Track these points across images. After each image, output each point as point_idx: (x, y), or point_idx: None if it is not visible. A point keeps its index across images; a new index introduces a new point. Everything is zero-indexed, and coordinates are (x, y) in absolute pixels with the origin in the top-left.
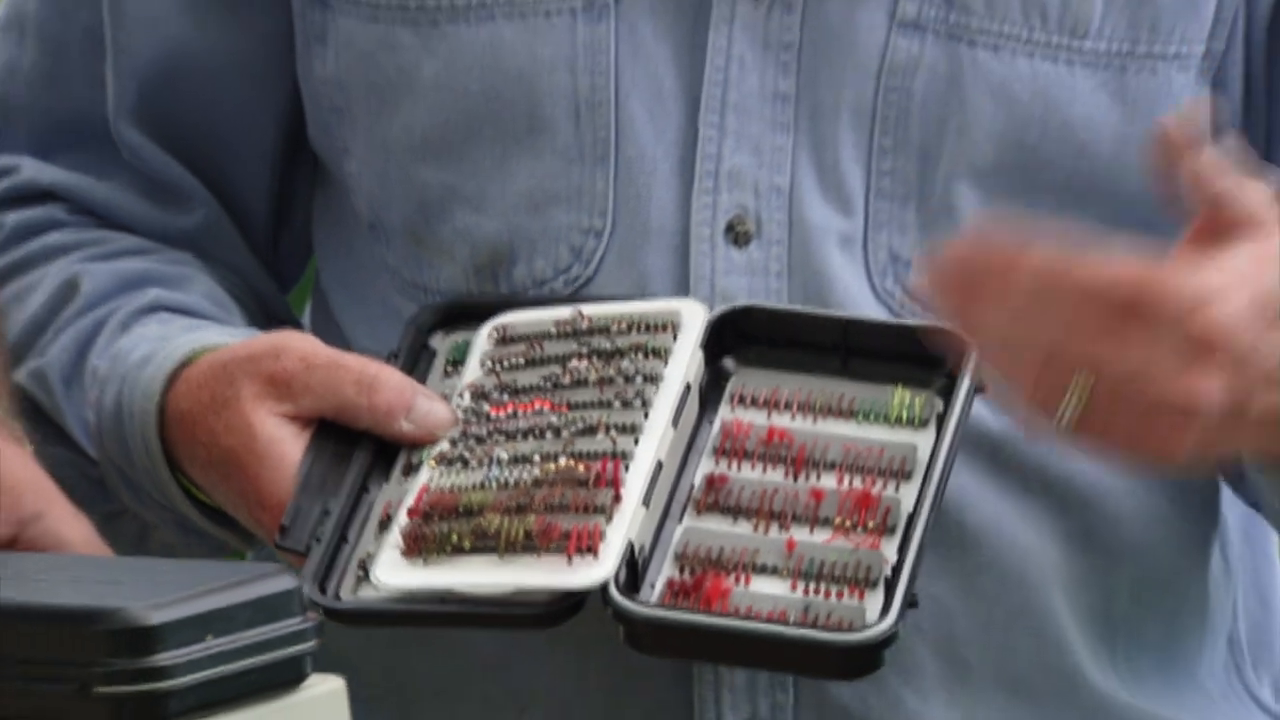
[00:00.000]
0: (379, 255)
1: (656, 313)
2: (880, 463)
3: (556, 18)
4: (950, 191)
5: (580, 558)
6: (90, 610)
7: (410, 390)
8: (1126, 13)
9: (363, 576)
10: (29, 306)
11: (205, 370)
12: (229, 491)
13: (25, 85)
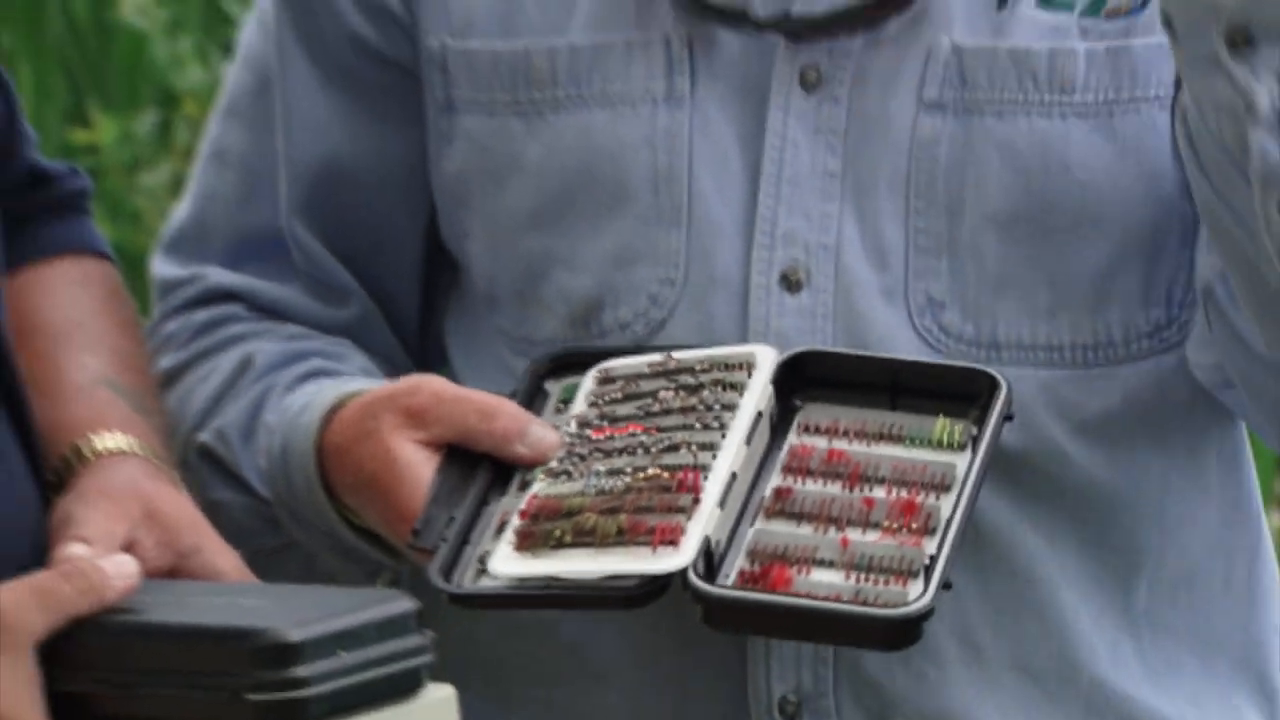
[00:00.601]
0: (493, 322)
1: (734, 355)
2: (923, 478)
3: (641, 106)
4: (976, 240)
5: (664, 549)
6: (241, 629)
7: (525, 418)
8: (1108, 66)
9: (481, 570)
10: (212, 382)
11: (353, 410)
12: (374, 509)
13: (222, 207)
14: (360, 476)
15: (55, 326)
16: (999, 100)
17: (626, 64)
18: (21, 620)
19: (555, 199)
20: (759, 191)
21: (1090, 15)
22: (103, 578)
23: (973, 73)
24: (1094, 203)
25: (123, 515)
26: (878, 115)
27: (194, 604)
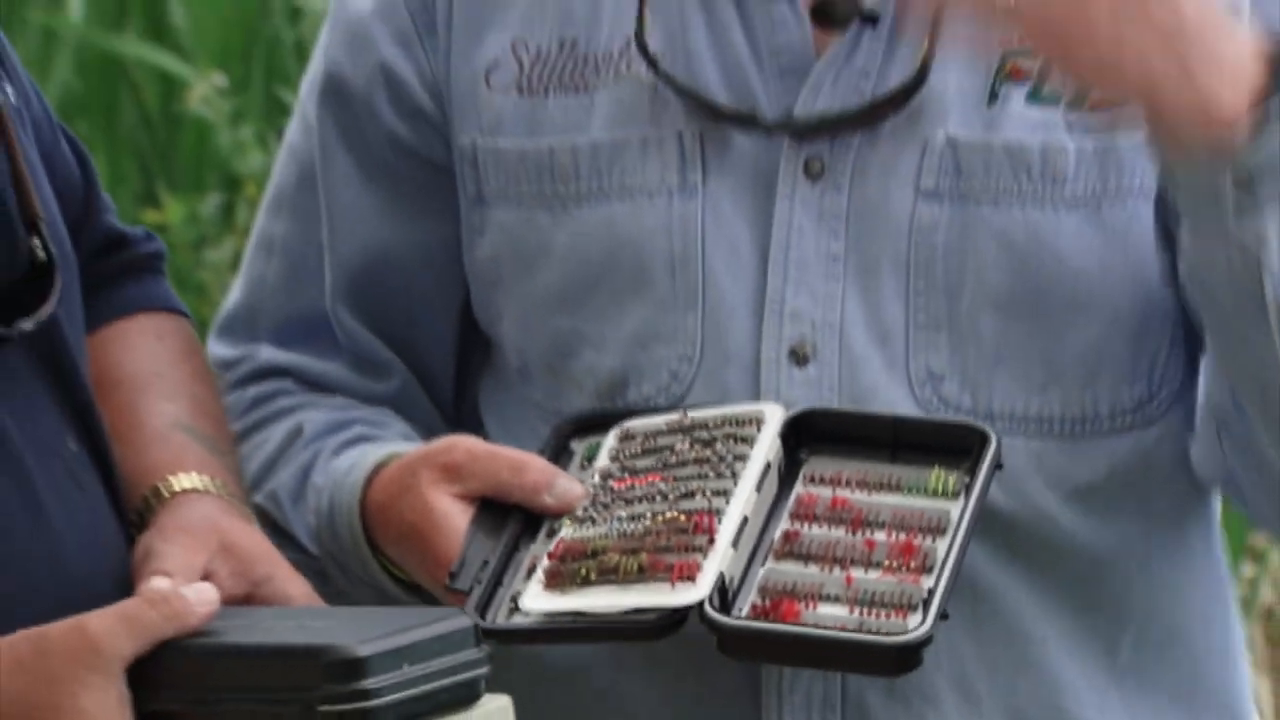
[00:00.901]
0: (525, 393)
1: (745, 413)
2: (921, 522)
3: (657, 197)
4: (973, 318)
5: (682, 584)
6: (312, 647)
7: (552, 472)
8: (1096, 160)
9: (514, 609)
10: (266, 449)
11: (394, 469)
12: (414, 558)
13: (270, 293)
14: (401, 528)
15: (135, 378)
16: (995, 190)
17: (643, 159)
18: (112, 644)
19: (581, 284)
20: (768, 274)
21: (1075, 109)
22: (185, 605)
23: (968, 164)
24: (1084, 288)
25: (201, 548)
26: (878, 202)
27: (268, 626)
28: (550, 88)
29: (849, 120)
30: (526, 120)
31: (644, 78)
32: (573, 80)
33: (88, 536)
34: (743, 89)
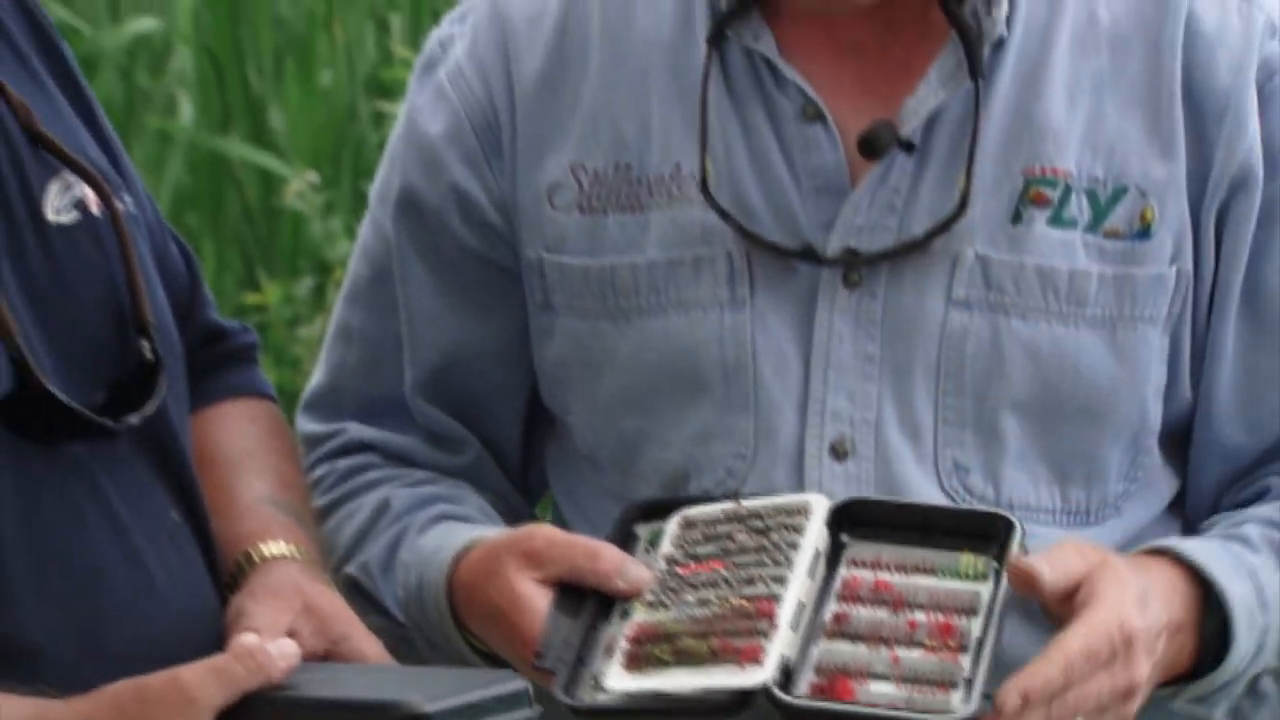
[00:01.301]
0: (594, 479)
1: (793, 503)
2: (955, 603)
3: (710, 310)
4: (997, 419)
5: (750, 666)
6: (384, 703)
7: (621, 558)
8: (1114, 288)
9: (596, 687)
10: (356, 521)
11: (479, 553)
12: (498, 636)
13: (351, 376)
14: (487, 608)
15: (230, 456)
16: (1024, 306)
17: (696, 276)
18: (203, 694)
19: (645, 388)
20: (810, 378)
21: (1091, 233)
22: (269, 660)
23: (999, 279)
24: (1094, 398)
25: (285, 608)
26: (912, 309)
27: (345, 681)
28: (608, 208)
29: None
30: (588, 239)
31: (694, 200)
32: (628, 201)
33: (186, 597)
34: (784, 209)
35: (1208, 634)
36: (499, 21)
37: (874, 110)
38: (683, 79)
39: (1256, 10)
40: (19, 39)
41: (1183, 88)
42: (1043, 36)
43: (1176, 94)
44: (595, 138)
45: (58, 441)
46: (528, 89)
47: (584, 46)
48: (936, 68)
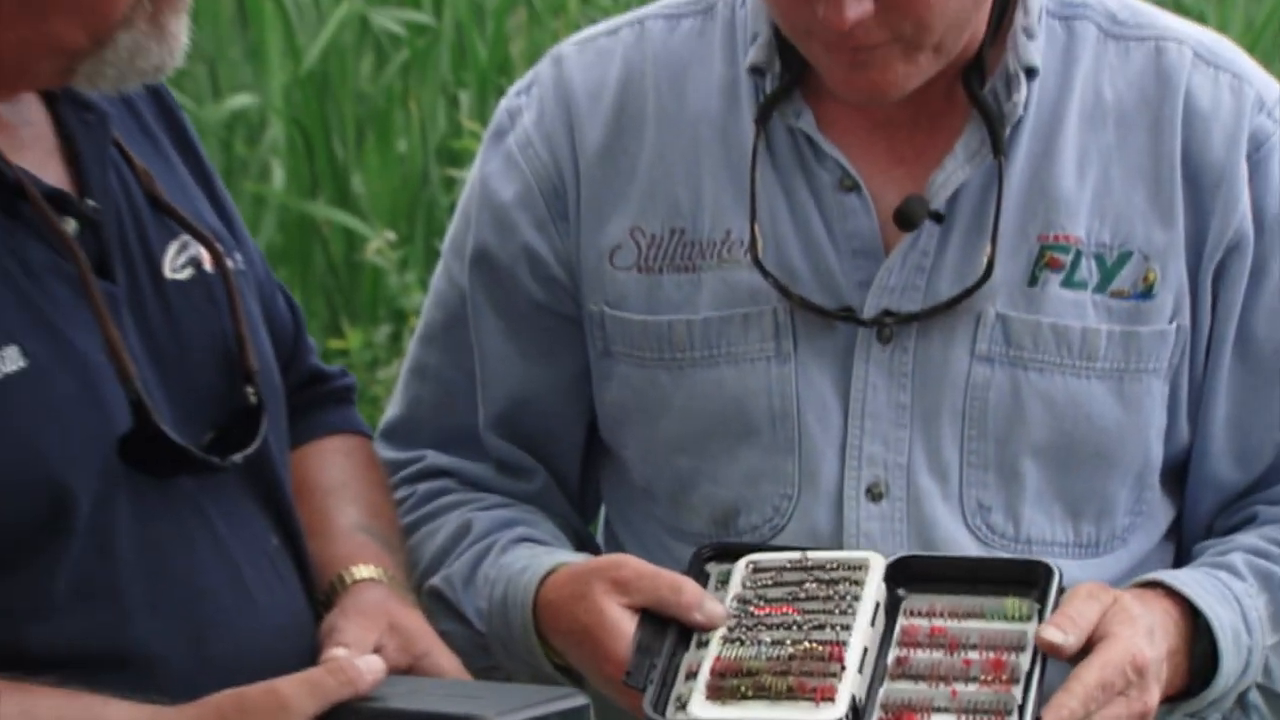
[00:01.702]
0: (649, 510)
1: (855, 559)
2: (1004, 641)
3: (758, 363)
4: (1017, 463)
5: (824, 704)
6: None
7: (701, 594)
8: (1121, 344)
9: (679, 708)
10: (439, 539)
11: (564, 576)
12: (582, 653)
13: (427, 409)
14: (573, 627)
15: (326, 487)
16: (1041, 361)
17: (744, 332)
18: (297, 704)
19: (698, 432)
20: (848, 426)
21: (1100, 293)
22: (358, 673)
23: (1018, 336)
24: (1104, 444)
25: (373, 626)
26: (939, 362)
27: (425, 694)
28: (664, 268)
29: (934, 311)
30: (646, 296)
31: (743, 262)
32: (683, 263)
33: (283, 615)
34: (824, 271)
35: (1198, 656)
36: (563, 95)
37: (904, 181)
38: (731, 151)
39: (1246, 87)
40: (146, 114)
41: (1181, 160)
42: (1054, 114)
43: (1176, 166)
44: (652, 204)
45: (170, 476)
46: (590, 158)
47: (640, 120)
48: (962, 144)
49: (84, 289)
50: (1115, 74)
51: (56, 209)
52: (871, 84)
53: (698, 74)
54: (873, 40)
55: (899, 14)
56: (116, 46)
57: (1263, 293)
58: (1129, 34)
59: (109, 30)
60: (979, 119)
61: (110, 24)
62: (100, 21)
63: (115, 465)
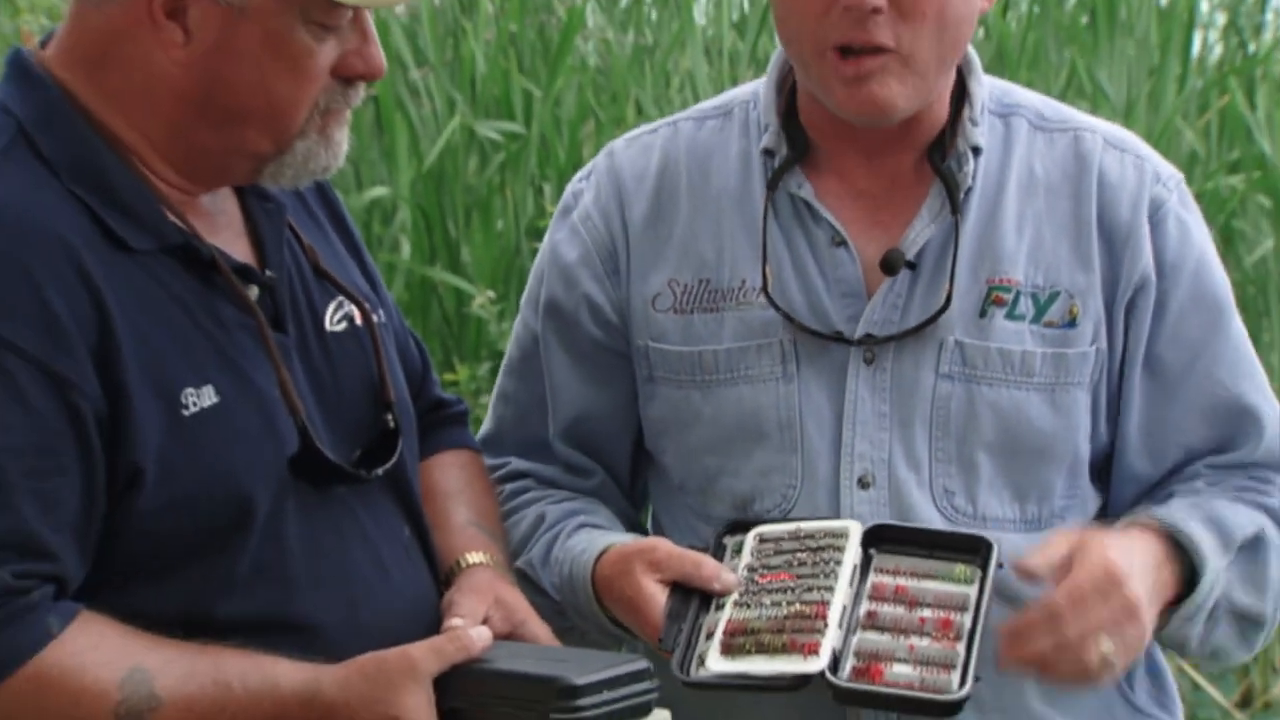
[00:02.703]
0: (683, 500)
1: (837, 527)
2: (951, 602)
3: (769, 383)
4: (973, 458)
5: (810, 657)
6: (549, 675)
7: (718, 567)
8: (1053, 363)
9: (700, 664)
10: (521, 528)
11: (613, 555)
12: (629, 618)
13: (510, 426)
14: (621, 598)
15: (446, 492)
16: (990, 377)
17: (758, 358)
18: (425, 664)
19: (721, 438)
20: (842, 429)
21: (1035, 324)
22: (471, 641)
23: (972, 358)
24: (1041, 442)
25: (483, 601)
26: (911, 379)
27: (522, 657)
28: (695, 310)
29: (903, 334)
30: (680, 334)
31: (755, 304)
32: (708, 305)
33: (415, 592)
34: (819, 307)
35: (1182, 571)
36: (614, 179)
37: (881, 238)
38: (746, 216)
39: (1146, 165)
40: (311, 201)
41: (1097, 222)
42: (997, 186)
43: (1093, 226)
44: (685, 261)
45: (328, 486)
46: (636, 227)
47: (675, 197)
48: (926, 208)
49: (263, 340)
50: (1044, 156)
51: (242, 279)
52: (871, 97)
53: (719, 160)
54: (880, 39)
55: (905, 20)
56: (294, 152)
57: (1165, 323)
58: (1053, 127)
59: (289, 140)
60: (940, 188)
61: (290, 136)
62: (283, 134)
63: (286, 478)
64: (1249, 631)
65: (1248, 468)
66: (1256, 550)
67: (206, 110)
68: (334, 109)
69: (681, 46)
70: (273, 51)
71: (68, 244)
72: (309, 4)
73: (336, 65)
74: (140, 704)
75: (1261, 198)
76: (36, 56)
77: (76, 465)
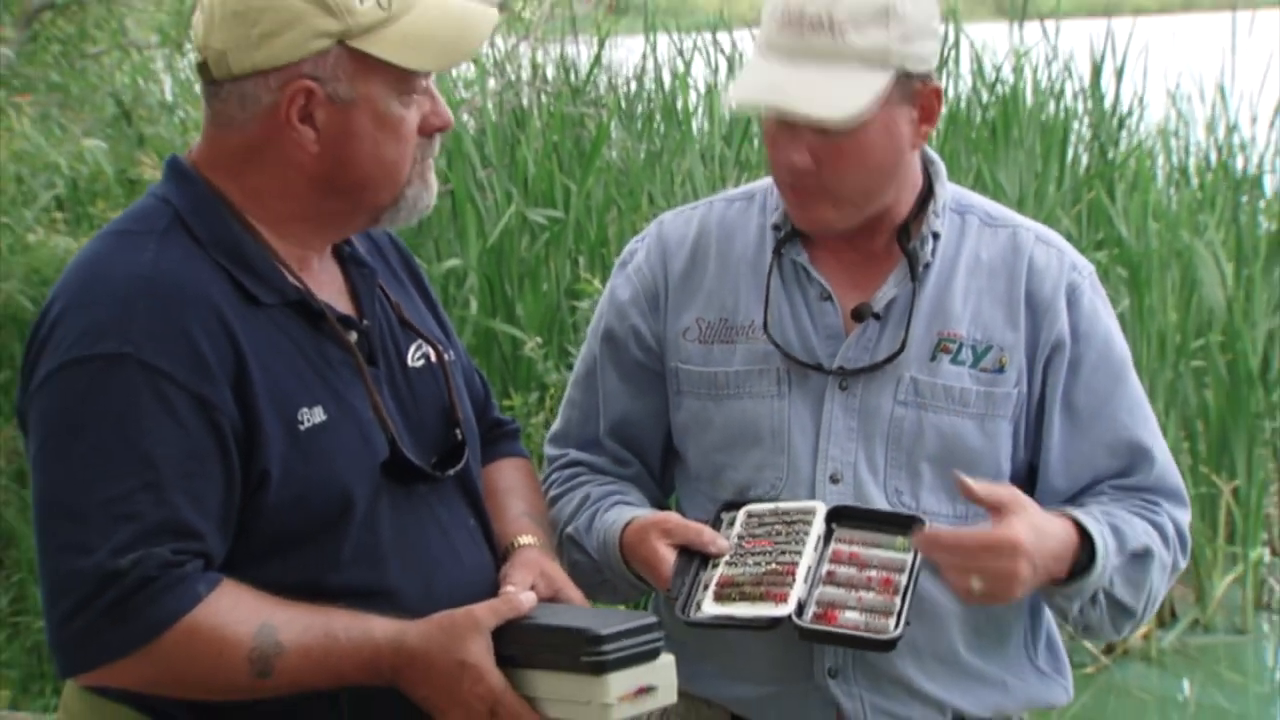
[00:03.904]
0: (697, 486)
1: (807, 507)
2: (892, 565)
3: (765, 400)
4: (919, 466)
5: (781, 604)
6: (581, 628)
7: (714, 535)
8: (984, 399)
9: (697, 609)
10: (573, 503)
11: (636, 526)
12: (647, 575)
13: (574, 426)
14: (640, 558)
15: (502, 489)
16: (936, 406)
17: (759, 380)
18: (485, 620)
19: (728, 442)
20: (819, 438)
21: (973, 369)
22: (520, 602)
23: (923, 391)
24: (971, 458)
25: (530, 573)
26: (875, 404)
27: (559, 615)
28: (714, 341)
29: (872, 367)
30: (702, 358)
31: (759, 339)
32: (725, 337)
33: (478, 566)
34: (808, 346)
35: (1079, 562)
36: (662, 243)
37: (858, 295)
38: (758, 274)
39: (1066, 257)
40: (396, 266)
41: (1025, 297)
42: (951, 265)
43: (1021, 300)
44: (709, 304)
45: (411, 485)
46: (675, 278)
47: (706, 257)
48: (893, 275)
49: (359, 373)
50: (989, 246)
51: (344, 326)
52: (809, 217)
53: (741, 232)
54: (809, 185)
55: (826, 170)
56: (405, 198)
57: (1080, 377)
58: (997, 224)
59: (401, 191)
60: (904, 262)
61: (401, 187)
62: (396, 188)
63: (378, 479)
64: (1120, 619)
65: (1142, 491)
66: (1143, 560)
67: (336, 184)
68: (424, 159)
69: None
70: (380, 126)
71: (212, 301)
72: (396, 80)
73: (421, 125)
74: (268, 650)
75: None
76: (189, 160)
77: (218, 469)
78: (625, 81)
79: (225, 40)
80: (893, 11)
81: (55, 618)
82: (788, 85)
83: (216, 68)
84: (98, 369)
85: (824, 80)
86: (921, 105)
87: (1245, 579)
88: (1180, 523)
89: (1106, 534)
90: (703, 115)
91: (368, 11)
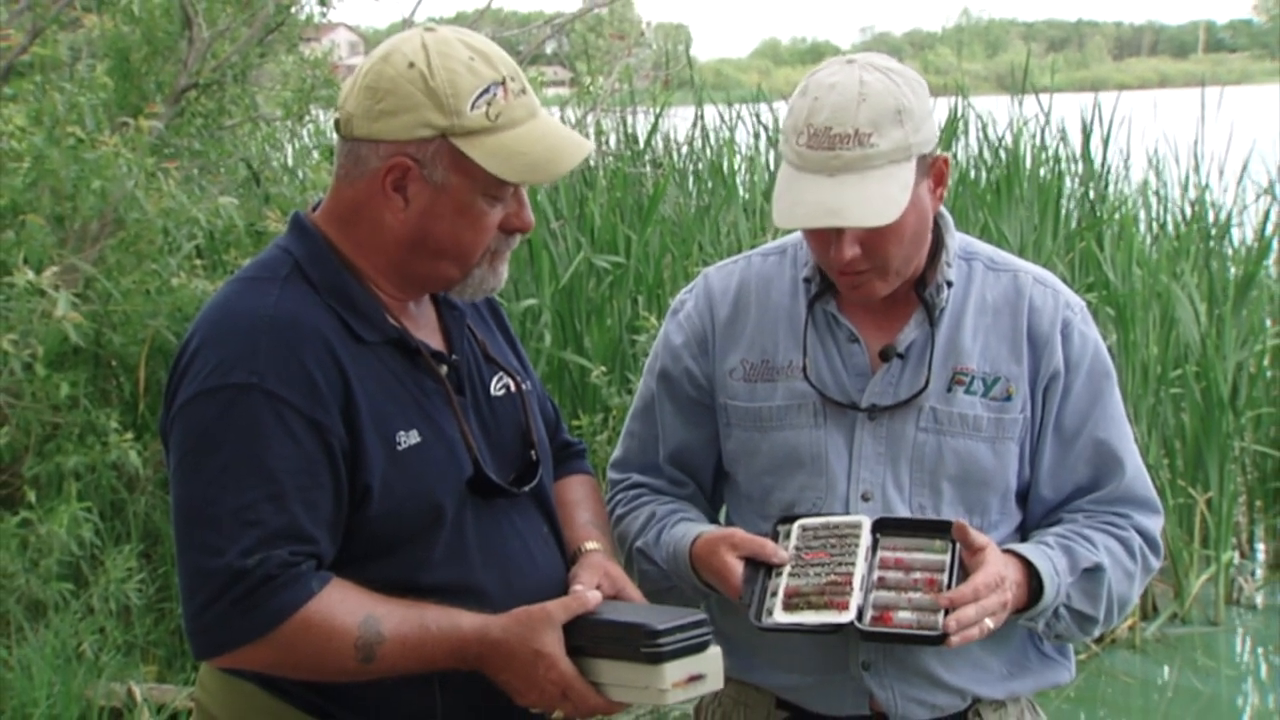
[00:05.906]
0: (747, 505)
1: (855, 520)
2: (933, 567)
3: (805, 430)
4: (939, 485)
5: (843, 612)
6: (638, 623)
7: (776, 548)
8: (995, 424)
9: (769, 615)
10: (639, 520)
11: (703, 540)
12: (716, 582)
13: (634, 454)
14: (710, 568)
15: (571, 502)
16: (953, 432)
17: (799, 414)
18: (557, 614)
19: (774, 466)
20: (852, 463)
21: (984, 398)
22: (587, 599)
23: (941, 420)
24: (985, 477)
25: (596, 574)
26: (900, 432)
27: (621, 611)
28: (758, 380)
29: (901, 404)
30: (747, 395)
31: (798, 377)
32: (767, 376)
33: (550, 570)
34: (840, 384)
35: (1031, 590)
36: (708, 293)
37: (883, 338)
38: (793, 321)
39: (1061, 296)
40: (483, 309)
41: (1027, 333)
42: (961, 307)
43: (1024, 335)
44: (752, 348)
45: (493, 498)
46: (721, 324)
47: (747, 306)
48: (913, 319)
49: (449, 401)
50: (993, 288)
51: (436, 360)
52: (862, 293)
53: (777, 283)
54: (860, 268)
55: (874, 254)
56: (473, 278)
57: (1069, 403)
58: (1000, 269)
59: (470, 270)
60: (923, 308)
61: (470, 267)
62: (465, 266)
63: (465, 493)
64: (1085, 625)
65: (1114, 504)
66: (1095, 574)
67: (417, 250)
68: (499, 250)
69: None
70: (461, 215)
71: (325, 338)
72: (487, 183)
73: (502, 222)
74: (372, 639)
75: (1108, 308)
76: (309, 216)
77: (329, 482)
78: (679, 146)
79: (355, 106)
80: (904, 110)
81: (191, 609)
82: (835, 202)
83: (344, 126)
84: (229, 396)
85: (864, 187)
86: (935, 175)
87: (1218, 578)
88: (1148, 530)
89: (1057, 558)
90: (745, 175)
91: (475, 118)
